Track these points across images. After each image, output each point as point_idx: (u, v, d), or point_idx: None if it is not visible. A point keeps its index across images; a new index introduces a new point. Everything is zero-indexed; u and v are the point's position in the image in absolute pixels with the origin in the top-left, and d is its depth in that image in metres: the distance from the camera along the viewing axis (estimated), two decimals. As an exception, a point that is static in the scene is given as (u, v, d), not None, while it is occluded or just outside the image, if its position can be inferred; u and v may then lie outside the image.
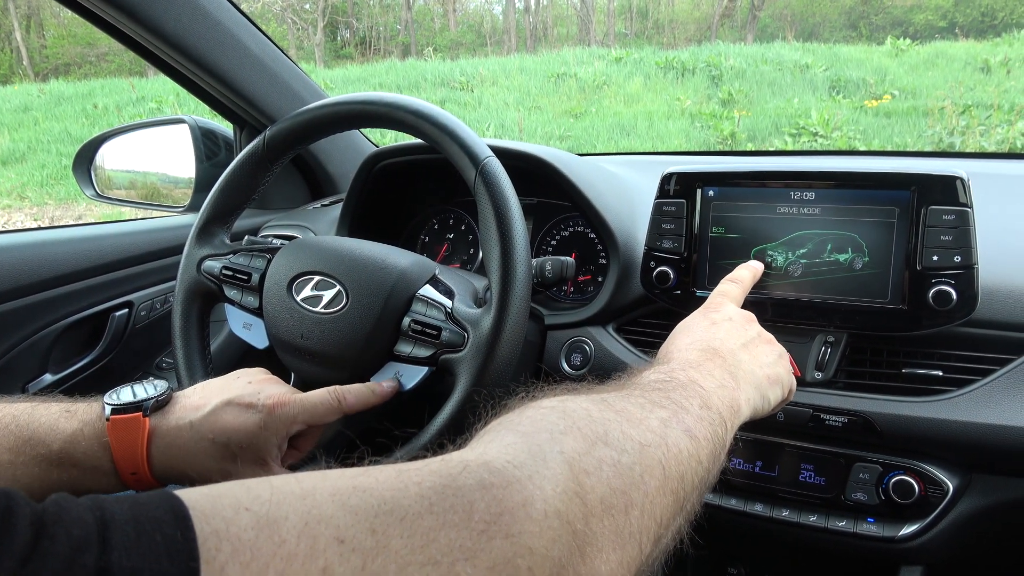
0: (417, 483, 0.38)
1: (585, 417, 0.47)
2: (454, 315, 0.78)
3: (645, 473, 0.46)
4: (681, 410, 0.53)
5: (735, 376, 0.63)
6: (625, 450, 0.46)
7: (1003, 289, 0.87)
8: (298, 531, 0.32)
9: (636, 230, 1.07)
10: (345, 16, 25.22)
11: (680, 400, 0.55)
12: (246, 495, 0.34)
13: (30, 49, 20.60)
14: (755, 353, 0.69)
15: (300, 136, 0.89)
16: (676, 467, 0.48)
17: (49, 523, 0.28)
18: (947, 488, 0.88)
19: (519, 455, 0.42)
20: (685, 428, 0.52)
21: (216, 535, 0.30)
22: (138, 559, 0.28)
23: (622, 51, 13.17)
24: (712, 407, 0.56)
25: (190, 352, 0.91)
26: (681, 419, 0.52)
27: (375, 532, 0.34)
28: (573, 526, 0.40)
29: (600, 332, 1.07)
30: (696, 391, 0.57)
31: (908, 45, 12.13)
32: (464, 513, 0.37)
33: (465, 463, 0.40)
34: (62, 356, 1.17)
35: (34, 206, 8.30)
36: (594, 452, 0.44)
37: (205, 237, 0.93)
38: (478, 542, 0.36)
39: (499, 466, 0.40)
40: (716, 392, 0.59)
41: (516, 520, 0.38)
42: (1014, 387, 0.84)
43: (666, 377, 0.58)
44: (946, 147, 6.78)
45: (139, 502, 0.31)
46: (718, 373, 0.62)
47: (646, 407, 0.52)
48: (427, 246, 1.37)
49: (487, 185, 0.77)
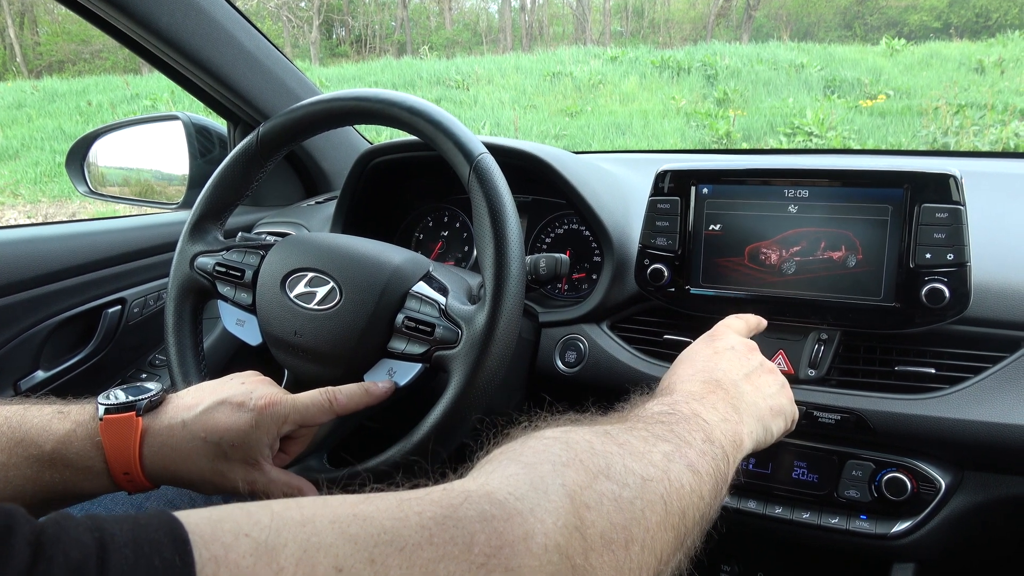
0: (418, 513, 0.37)
1: (588, 449, 0.47)
2: (448, 312, 0.77)
3: (647, 508, 0.46)
4: (684, 444, 0.53)
5: (738, 409, 0.63)
6: (627, 484, 0.46)
7: (995, 287, 0.88)
8: (296, 559, 0.32)
9: (630, 228, 1.07)
10: (341, 14, 25.17)
11: (683, 434, 0.54)
12: (246, 520, 0.33)
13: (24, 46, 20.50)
14: (757, 384, 0.68)
15: (294, 132, 0.89)
16: (678, 502, 0.48)
17: (48, 544, 0.28)
18: (939, 485, 0.88)
19: (521, 487, 0.42)
20: (688, 463, 0.51)
21: (215, 561, 0.30)
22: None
23: (618, 50, 13.17)
24: (715, 441, 0.56)
25: (183, 349, 0.90)
26: (684, 453, 0.52)
27: (374, 562, 0.34)
28: (573, 561, 0.40)
29: (594, 330, 1.07)
30: (699, 424, 0.57)
31: (903, 45, 12.16)
32: (464, 545, 0.36)
33: (467, 494, 0.40)
34: (54, 353, 1.17)
35: (28, 203, 8.27)
36: (596, 485, 0.44)
37: (198, 234, 0.92)
38: (477, 575, 0.36)
39: (501, 498, 0.40)
40: (719, 426, 0.58)
41: (516, 554, 0.37)
42: (1006, 385, 0.85)
43: (669, 409, 0.58)
44: (940, 147, 6.80)
45: (139, 524, 0.31)
46: (721, 406, 0.61)
47: (649, 440, 0.52)
48: (421, 243, 1.36)
49: (481, 182, 0.76)
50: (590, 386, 1.05)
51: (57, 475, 0.63)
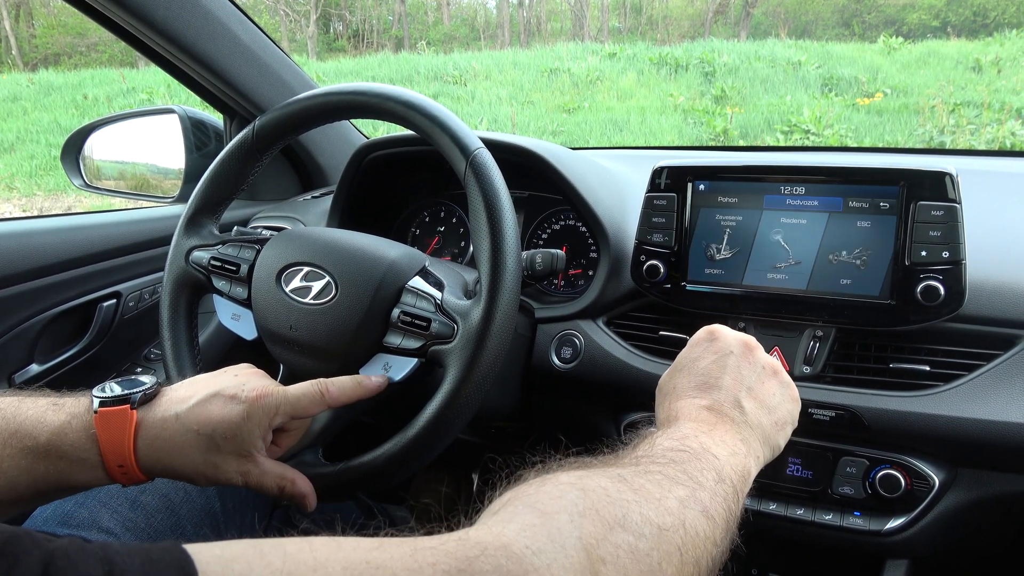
0: (432, 564, 0.37)
1: (603, 497, 0.47)
2: (444, 307, 0.77)
3: (663, 560, 0.45)
4: (698, 487, 0.53)
5: (745, 440, 0.63)
6: (643, 535, 0.45)
7: (990, 285, 0.88)
8: None
9: (627, 224, 1.07)
10: (338, 8, 25.10)
11: (695, 475, 0.54)
12: (258, 562, 0.33)
13: (19, 38, 20.40)
14: (761, 397, 0.68)
15: (290, 126, 0.89)
16: (692, 552, 0.48)
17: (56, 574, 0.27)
18: (933, 482, 0.88)
19: (538, 539, 0.41)
20: (702, 508, 0.51)
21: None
22: None
23: (616, 47, 13.16)
24: (726, 479, 0.56)
25: (178, 343, 0.90)
26: (698, 498, 0.52)
27: None
28: None
29: (590, 325, 1.07)
30: (710, 462, 0.57)
31: (900, 43, 12.18)
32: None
33: (483, 546, 0.39)
34: (49, 346, 1.16)
35: (23, 197, 8.24)
36: (612, 537, 0.44)
37: (194, 228, 0.92)
38: None
39: (518, 551, 0.39)
40: (728, 461, 0.58)
41: None
42: (1000, 382, 0.85)
43: (680, 445, 0.58)
44: (936, 145, 6.81)
45: (150, 559, 0.30)
46: (729, 439, 0.61)
47: (664, 484, 0.51)
48: (418, 238, 1.36)
49: (477, 177, 0.76)
50: (586, 382, 1.05)
51: (51, 466, 0.63)
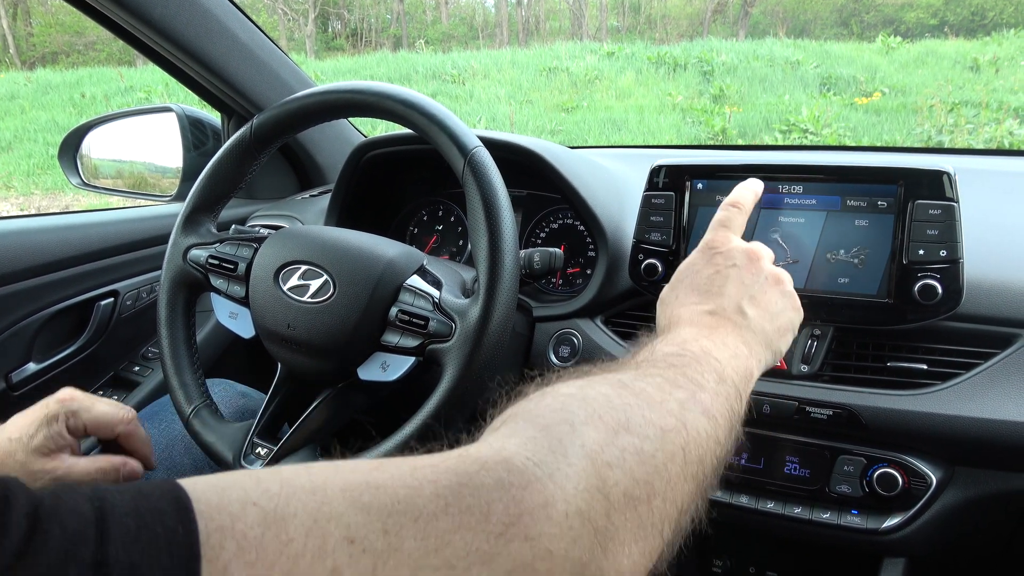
0: (432, 481, 0.36)
1: (605, 404, 0.46)
2: (442, 305, 0.77)
3: (667, 460, 0.45)
4: (698, 388, 0.52)
5: (747, 342, 0.62)
6: (647, 436, 0.45)
7: (987, 284, 0.88)
8: (307, 529, 0.31)
9: (625, 223, 1.07)
10: (336, 7, 25.07)
11: (696, 377, 0.53)
12: (255, 488, 0.32)
13: (17, 37, 20.36)
14: (763, 304, 0.66)
15: (288, 124, 0.89)
16: (696, 451, 0.48)
17: (45, 517, 0.27)
18: (930, 481, 0.88)
19: (539, 451, 0.40)
20: (703, 409, 0.51)
21: (220, 531, 0.29)
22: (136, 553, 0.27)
23: (614, 46, 13.16)
24: (727, 380, 0.56)
25: (176, 342, 0.90)
26: (699, 399, 0.51)
27: (387, 533, 0.32)
28: (595, 524, 0.39)
29: (588, 324, 1.07)
30: (711, 364, 0.56)
31: (899, 43, 12.18)
32: (481, 515, 0.35)
33: (483, 461, 0.38)
34: (46, 345, 1.16)
35: (20, 196, 8.22)
36: (616, 441, 0.43)
37: (191, 226, 0.92)
38: (495, 545, 0.34)
39: (519, 463, 0.39)
40: (730, 363, 0.58)
41: (536, 522, 0.36)
42: (997, 381, 0.85)
43: (680, 350, 0.57)
44: (935, 144, 6.81)
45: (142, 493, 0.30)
46: (731, 341, 0.60)
47: (664, 388, 0.51)
48: (416, 237, 1.36)
49: (475, 175, 0.76)
50: (584, 381, 1.05)
51: None
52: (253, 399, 1.06)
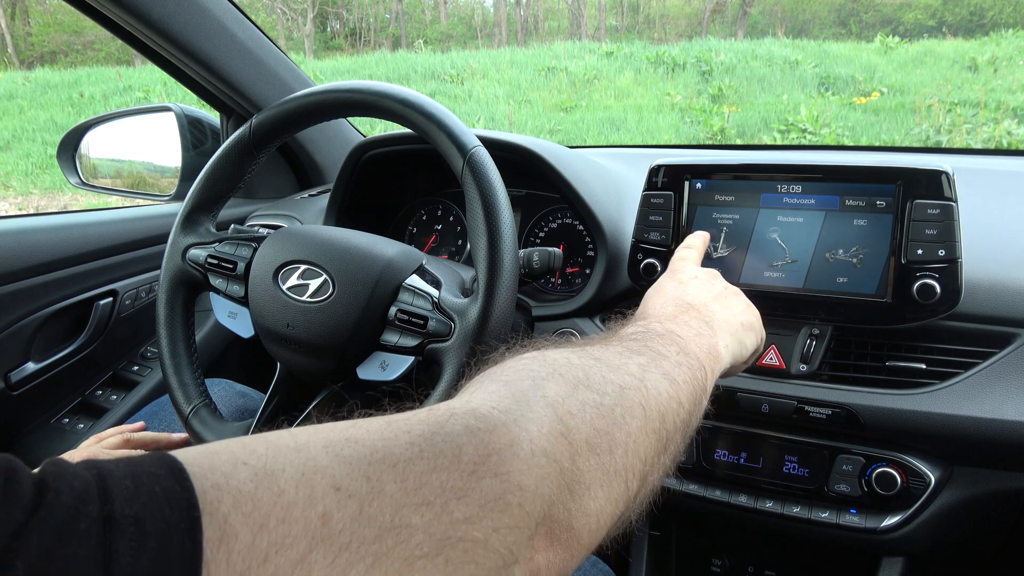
0: (407, 431, 0.39)
1: (565, 364, 0.49)
2: (441, 305, 0.77)
3: (626, 414, 0.47)
4: (659, 356, 0.55)
5: (710, 324, 0.65)
6: (606, 392, 0.48)
7: (986, 283, 0.88)
8: (296, 481, 0.33)
9: (624, 222, 1.07)
10: (335, 7, 25.05)
11: (658, 348, 0.56)
12: (242, 451, 0.34)
13: (15, 36, 20.33)
14: (726, 304, 0.71)
15: (287, 124, 0.89)
16: (656, 407, 0.50)
17: (50, 480, 0.28)
18: (929, 480, 0.89)
19: (503, 401, 0.43)
20: (663, 372, 0.53)
21: (217, 488, 0.31)
22: (140, 507, 0.28)
23: (613, 45, 13.16)
24: (690, 353, 0.58)
25: (175, 341, 0.90)
26: (659, 364, 0.54)
27: (369, 479, 0.35)
28: (560, 464, 0.42)
29: (587, 324, 1.07)
30: (673, 339, 0.59)
31: (897, 43, 12.19)
32: (453, 456, 0.38)
33: (452, 411, 0.41)
34: (45, 344, 1.16)
35: (19, 195, 8.21)
36: (576, 395, 0.46)
37: (190, 226, 0.92)
38: (469, 482, 0.37)
39: (485, 412, 0.42)
40: (693, 340, 0.60)
41: (504, 460, 0.39)
42: (996, 380, 0.85)
43: (643, 329, 0.60)
44: (933, 145, 6.82)
45: (133, 461, 0.31)
46: (694, 323, 0.64)
47: (624, 355, 0.54)
48: (415, 237, 1.36)
49: (475, 175, 0.76)
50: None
51: None
52: (252, 398, 1.06)
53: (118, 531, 0.27)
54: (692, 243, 0.84)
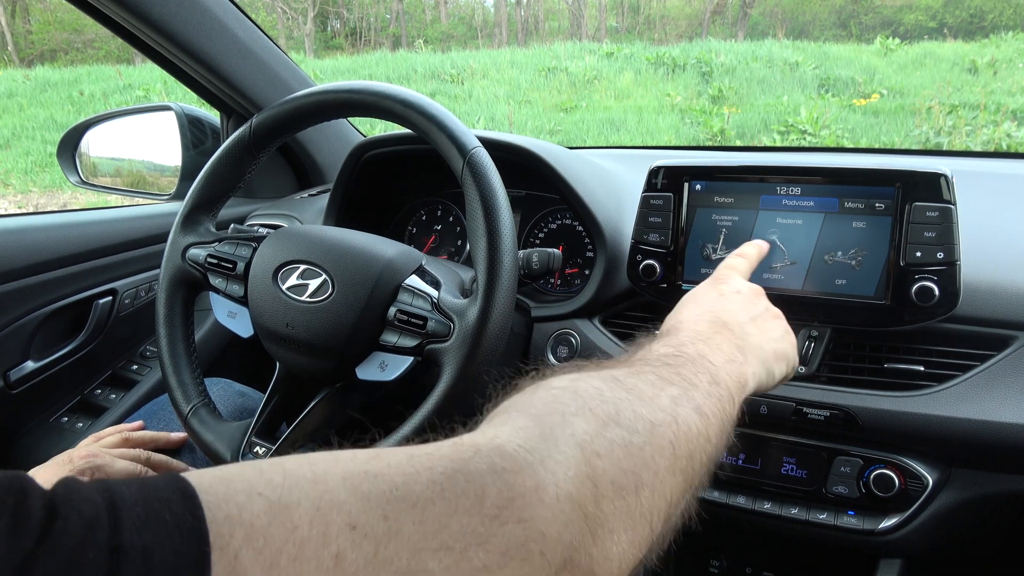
0: (428, 468, 0.37)
1: (596, 397, 0.47)
2: (440, 305, 0.77)
3: (656, 453, 0.46)
4: (691, 387, 0.53)
5: (743, 350, 0.63)
6: (636, 430, 0.46)
7: (984, 286, 0.88)
8: (310, 517, 0.32)
9: (623, 223, 1.07)
10: (335, 6, 25.05)
11: (690, 376, 0.54)
12: (259, 479, 0.33)
13: (15, 34, 20.32)
14: (763, 327, 0.68)
15: (287, 124, 0.89)
16: (686, 445, 0.48)
17: (60, 504, 0.28)
18: (927, 482, 0.89)
19: (531, 439, 0.42)
20: (695, 406, 0.51)
21: (229, 521, 0.30)
22: (149, 537, 0.28)
23: (613, 46, 13.16)
24: (721, 383, 0.56)
25: (174, 340, 0.90)
26: (691, 397, 0.52)
27: (387, 518, 0.34)
28: (585, 509, 0.40)
29: (586, 324, 1.07)
30: (705, 366, 0.57)
31: (897, 45, 12.20)
32: (476, 498, 0.37)
33: (477, 447, 0.40)
34: (44, 343, 1.16)
35: (18, 193, 8.21)
36: (605, 433, 0.44)
37: (190, 225, 0.92)
38: (490, 527, 0.36)
39: (511, 450, 0.40)
40: (725, 367, 0.58)
41: (528, 505, 0.38)
42: (994, 383, 0.85)
43: (676, 352, 0.57)
44: (933, 146, 6.82)
45: (147, 484, 0.31)
46: (727, 347, 0.61)
47: (657, 384, 0.52)
48: (414, 237, 1.36)
49: (474, 176, 0.76)
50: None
51: None
52: (251, 398, 1.06)
53: (127, 561, 0.27)
54: (746, 252, 0.80)
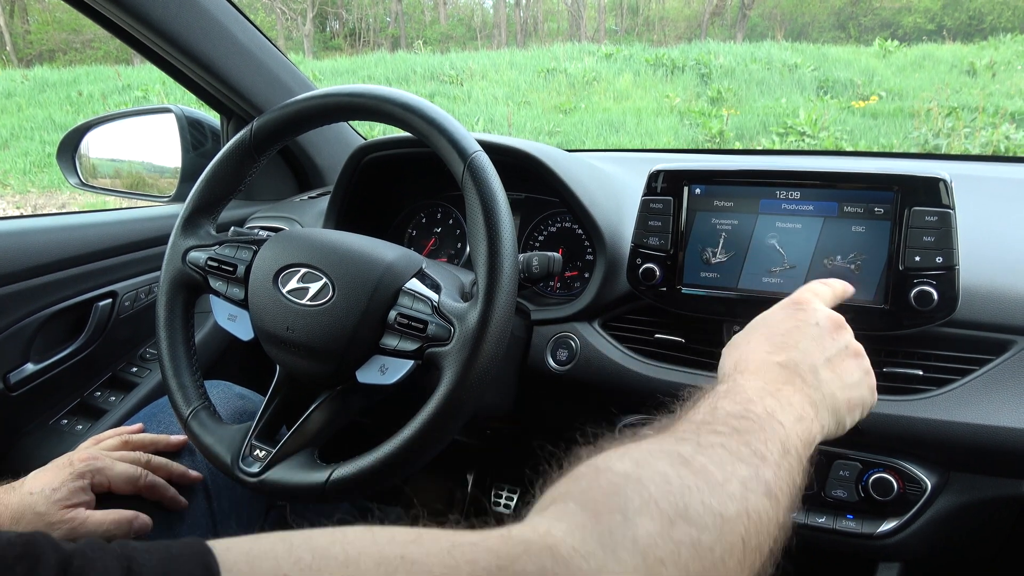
0: (471, 561, 0.34)
1: (662, 485, 0.43)
2: (440, 309, 0.78)
3: (725, 554, 0.42)
4: (761, 463, 0.49)
5: (814, 403, 0.59)
6: (706, 527, 0.42)
7: (983, 290, 0.88)
8: None
9: (623, 227, 1.07)
10: (335, 7, 25.05)
11: (759, 448, 0.50)
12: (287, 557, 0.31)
13: (13, 34, 20.30)
14: (839, 371, 0.63)
15: (288, 127, 0.89)
16: (756, 539, 0.45)
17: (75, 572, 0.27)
18: (925, 486, 0.89)
19: (588, 541, 0.38)
20: (767, 489, 0.47)
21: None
22: None
23: (612, 47, 13.17)
24: (791, 450, 0.52)
25: (174, 343, 0.90)
26: (762, 477, 0.48)
27: None
28: None
29: (586, 328, 1.07)
30: (775, 431, 0.53)
31: (896, 47, 12.21)
32: None
33: (527, 544, 0.36)
34: (44, 346, 1.16)
35: (16, 194, 8.20)
36: (672, 534, 0.40)
37: (191, 228, 0.92)
38: None
39: (565, 553, 0.36)
40: (794, 428, 0.54)
41: None
42: (993, 387, 0.85)
43: (743, 411, 0.53)
44: (931, 149, 6.83)
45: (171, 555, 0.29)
46: (797, 401, 0.57)
47: (726, 463, 0.47)
48: (414, 240, 1.36)
49: (475, 179, 0.77)
50: (581, 384, 1.05)
51: None
52: (252, 401, 1.06)
53: None
54: (833, 283, 0.75)
